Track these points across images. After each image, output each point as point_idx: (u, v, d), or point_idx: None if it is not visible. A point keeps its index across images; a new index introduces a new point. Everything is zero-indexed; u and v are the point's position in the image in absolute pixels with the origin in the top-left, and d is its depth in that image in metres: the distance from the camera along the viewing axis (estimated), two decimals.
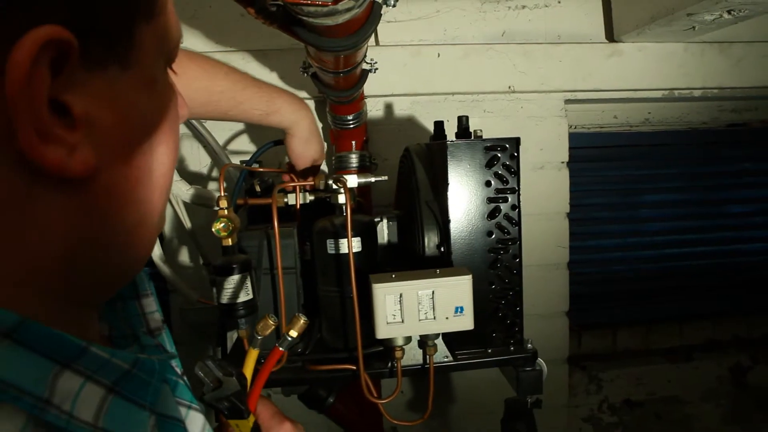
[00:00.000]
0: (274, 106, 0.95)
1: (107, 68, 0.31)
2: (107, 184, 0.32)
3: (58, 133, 0.28)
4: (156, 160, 0.37)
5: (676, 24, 1.29)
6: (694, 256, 2.06)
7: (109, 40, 0.31)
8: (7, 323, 0.28)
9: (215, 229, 0.81)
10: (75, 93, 0.29)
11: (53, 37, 0.26)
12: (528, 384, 0.93)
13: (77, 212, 0.32)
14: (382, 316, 0.80)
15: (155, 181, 0.37)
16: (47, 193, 0.30)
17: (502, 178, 0.90)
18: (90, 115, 0.30)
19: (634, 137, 1.91)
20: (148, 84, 0.35)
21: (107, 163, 0.32)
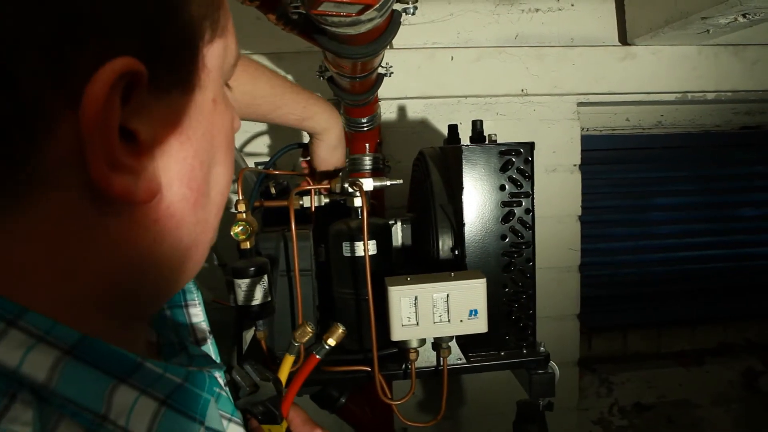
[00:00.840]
0: (310, 112, 0.96)
1: (171, 93, 0.31)
2: (168, 206, 0.32)
3: (127, 162, 0.29)
4: (213, 179, 0.36)
5: (691, 27, 1.29)
6: (706, 260, 2.06)
7: (175, 67, 0.31)
8: (69, 341, 0.29)
9: (234, 233, 0.82)
10: (141, 120, 0.29)
11: (128, 69, 0.27)
12: (540, 387, 0.93)
13: (138, 234, 0.32)
14: (397, 319, 0.81)
15: (212, 199, 0.37)
16: (112, 218, 0.30)
17: (516, 182, 0.90)
18: (154, 141, 0.30)
19: (646, 140, 1.91)
20: (209, 105, 0.35)
21: (169, 186, 0.32)
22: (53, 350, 0.28)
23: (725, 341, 2.03)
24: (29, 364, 0.27)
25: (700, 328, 2.04)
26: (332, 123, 1.03)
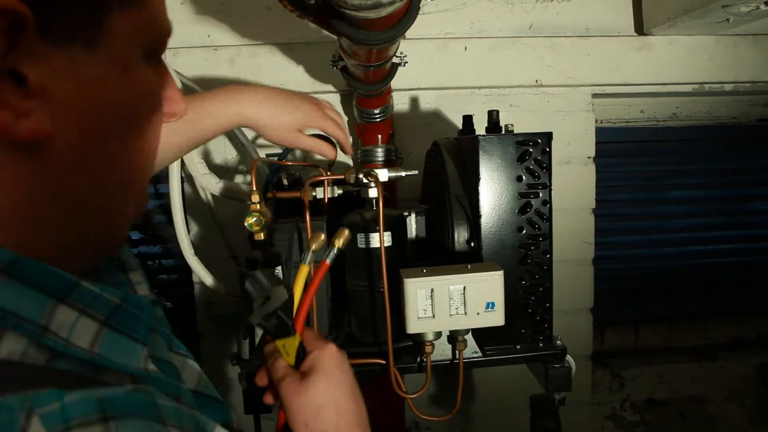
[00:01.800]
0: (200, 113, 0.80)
1: (72, 45, 0.33)
2: (65, 153, 0.35)
3: (8, 99, 0.31)
4: (123, 140, 0.39)
5: (710, 16, 1.27)
6: (720, 254, 2.03)
7: (74, 20, 0.33)
8: (4, 259, 0.32)
9: (248, 224, 0.81)
10: (33, 65, 0.31)
11: (5, 8, 0.28)
12: (557, 381, 0.92)
13: (37, 174, 0.34)
14: (413, 311, 0.80)
15: (120, 160, 0.39)
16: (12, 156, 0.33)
17: (533, 173, 0.89)
18: (47, 87, 0.32)
19: (661, 132, 1.88)
20: (117, 68, 0.36)
21: (66, 133, 0.34)
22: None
23: (738, 336, 2.01)
24: None
25: (713, 322, 2.02)
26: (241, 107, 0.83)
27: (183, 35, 1.38)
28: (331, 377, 0.59)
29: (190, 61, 1.36)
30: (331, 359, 0.60)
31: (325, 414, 0.56)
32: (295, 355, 0.62)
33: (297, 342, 0.62)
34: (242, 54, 1.38)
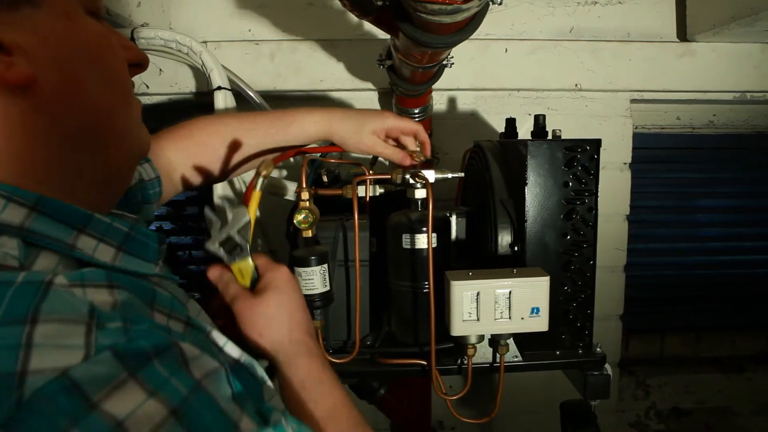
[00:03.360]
0: (288, 119, 0.89)
1: (20, 8, 0.41)
2: (50, 89, 0.43)
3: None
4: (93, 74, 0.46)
5: (759, 24, 1.24)
6: (751, 265, 2.00)
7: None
8: (31, 199, 0.40)
9: (296, 221, 0.82)
10: (3, 30, 0.40)
11: None
12: (596, 388, 0.92)
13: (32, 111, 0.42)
14: (458, 314, 0.80)
15: (96, 91, 0.47)
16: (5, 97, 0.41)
17: (580, 180, 0.88)
18: (18, 42, 0.41)
19: (696, 140, 1.86)
20: (63, 18, 0.44)
21: (46, 74, 0.42)
22: (22, 208, 0.39)
23: (767, 349, 1.98)
24: (7, 215, 0.38)
25: (742, 334, 1.99)
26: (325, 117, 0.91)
27: (224, 29, 1.39)
28: (284, 293, 0.64)
29: (231, 55, 1.37)
30: (283, 278, 0.65)
31: (278, 324, 0.62)
32: (250, 278, 0.65)
33: (253, 265, 0.65)
34: (283, 49, 1.38)
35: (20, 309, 0.31)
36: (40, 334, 0.30)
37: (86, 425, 0.29)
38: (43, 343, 0.30)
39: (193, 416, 0.32)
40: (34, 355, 0.30)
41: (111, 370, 0.31)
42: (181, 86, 1.38)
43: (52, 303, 0.32)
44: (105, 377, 0.31)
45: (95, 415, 0.29)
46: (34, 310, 0.31)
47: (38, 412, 0.29)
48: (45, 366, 0.29)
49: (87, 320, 0.32)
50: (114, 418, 0.30)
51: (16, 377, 0.29)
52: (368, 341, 0.92)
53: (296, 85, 1.40)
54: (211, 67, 1.17)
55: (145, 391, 0.31)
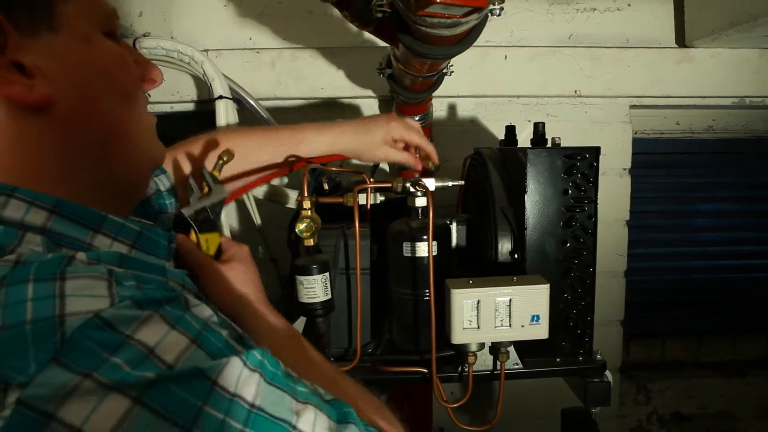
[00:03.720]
0: (297, 136, 0.93)
1: (40, 34, 0.44)
2: (68, 108, 0.46)
3: (16, 79, 0.43)
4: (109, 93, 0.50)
5: (758, 30, 1.25)
6: (751, 269, 2.00)
7: (33, 15, 0.44)
8: (50, 203, 0.44)
9: (298, 230, 0.82)
10: (23, 53, 0.43)
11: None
12: (596, 395, 0.92)
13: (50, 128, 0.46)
14: (458, 322, 0.80)
15: (111, 108, 0.50)
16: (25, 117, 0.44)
17: (580, 187, 0.89)
18: (39, 66, 0.44)
19: (696, 144, 1.86)
20: (81, 41, 0.47)
21: (64, 94, 0.45)
22: (42, 211, 0.43)
23: None
24: (30, 217, 0.43)
25: (743, 338, 1.99)
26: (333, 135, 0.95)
27: (225, 37, 1.40)
28: (249, 266, 0.70)
29: (232, 63, 1.37)
30: (247, 254, 0.72)
31: (245, 287, 0.68)
32: (215, 250, 0.70)
33: (220, 239, 0.70)
34: (284, 57, 1.39)
35: (50, 271, 0.36)
36: (70, 287, 0.35)
37: (122, 353, 0.34)
38: (74, 293, 0.35)
39: (208, 344, 0.39)
40: (68, 303, 0.34)
41: (135, 311, 0.36)
42: (183, 95, 1.38)
43: (75, 268, 0.37)
44: (131, 316, 0.36)
45: (129, 344, 0.35)
46: (61, 271, 0.36)
47: (80, 345, 0.33)
48: (79, 309, 0.34)
49: (107, 277, 0.37)
50: (146, 345, 0.35)
51: (56, 319, 0.34)
52: (369, 349, 0.92)
53: (297, 92, 1.41)
54: (213, 76, 1.18)
55: (167, 325, 0.37)
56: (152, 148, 0.58)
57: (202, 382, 0.36)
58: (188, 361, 0.36)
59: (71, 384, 0.32)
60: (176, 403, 0.34)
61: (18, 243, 0.41)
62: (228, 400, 0.37)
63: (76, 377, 0.32)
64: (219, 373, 0.37)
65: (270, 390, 0.40)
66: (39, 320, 0.33)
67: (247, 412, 0.37)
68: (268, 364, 0.42)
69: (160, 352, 0.35)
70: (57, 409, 0.31)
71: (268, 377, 0.41)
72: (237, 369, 0.38)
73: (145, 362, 0.35)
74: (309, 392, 0.45)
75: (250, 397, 0.38)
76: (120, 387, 0.33)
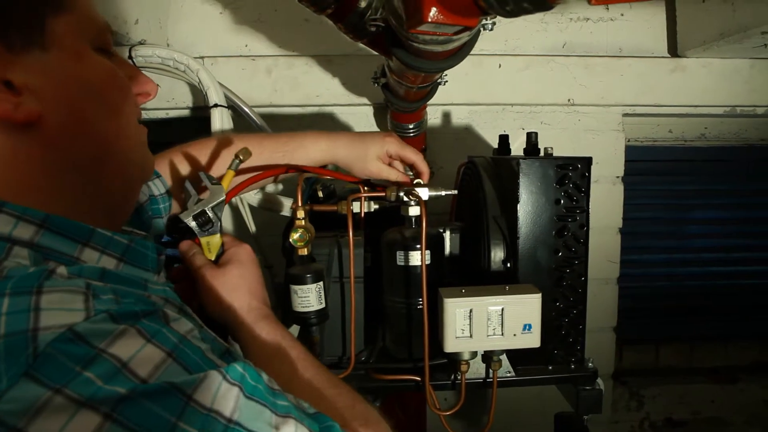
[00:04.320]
0: (294, 143, 0.93)
1: (30, 51, 0.44)
2: (57, 125, 0.46)
3: (4, 97, 0.43)
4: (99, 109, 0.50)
5: (748, 41, 1.27)
6: (743, 275, 2.01)
7: (23, 32, 0.44)
8: (39, 217, 0.44)
9: (292, 239, 0.82)
10: (12, 71, 0.43)
11: None
12: (588, 403, 0.93)
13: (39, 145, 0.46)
14: (451, 330, 0.81)
15: (101, 125, 0.50)
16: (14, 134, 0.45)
17: (572, 197, 0.90)
18: (27, 83, 0.44)
19: (688, 152, 1.87)
20: (72, 58, 0.47)
21: (52, 111, 0.46)
22: (31, 225, 0.44)
23: (761, 360, 1.99)
24: (18, 231, 0.43)
25: (735, 344, 2.00)
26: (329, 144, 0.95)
27: (221, 44, 1.41)
28: (246, 267, 0.70)
29: (228, 70, 1.38)
30: (246, 254, 0.72)
31: (239, 293, 0.67)
32: (216, 252, 0.71)
33: (221, 241, 0.71)
34: (279, 64, 1.40)
35: (27, 284, 0.36)
36: (45, 301, 0.36)
37: (95, 367, 0.34)
38: (49, 307, 0.35)
39: (185, 357, 0.39)
40: (42, 316, 0.35)
41: (110, 325, 0.37)
42: (179, 102, 1.39)
43: (54, 281, 0.38)
44: (106, 330, 0.36)
45: (103, 358, 0.35)
46: (39, 284, 0.37)
47: (53, 360, 0.33)
48: (53, 323, 0.34)
49: (84, 291, 0.38)
50: (119, 359, 0.35)
51: (29, 333, 0.34)
52: (363, 357, 0.93)
53: (292, 100, 1.41)
54: (208, 84, 1.18)
55: (143, 338, 0.37)
56: (143, 162, 0.58)
57: (176, 397, 0.36)
58: (163, 375, 0.37)
59: (42, 399, 0.32)
60: (149, 419, 0.34)
61: (5, 256, 0.41)
62: (203, 416, 0.36)
63: (47, 392, 0.32)
64: (195, 388, 0.37)
65: (249, 405, 0.40)
66: (12, 334, 0.34)
67: (224, 427, 0.37)
68: (249, 378, 0.42)
69: (134, 366, 0.36)
70: (27, 425, 0.31)
71: (248, 391, 0.41)
72: (215, 383, 0.38)
73: (117, 376, 0.35)
74: (290, 405, 0.44)
75: (227, 412, 0.38)
76: (91, 403, 0.33)
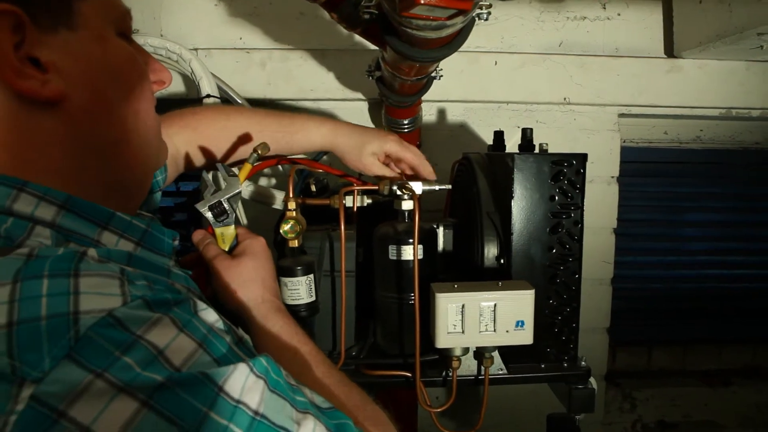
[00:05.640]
0: (296, 126, 0.91)
1: (58, 31, 0.45)
2: (80, 105, 0.47)
3: (30, 73, 0.43)
4: (119, 91, 0.51)
5: (744, 43, 1.26)
6: (737, 279, 2.01)
7: (53, 12, 0.45)
8: (60, 198, 0.45)
9: (283, 231, 0.81)
10: (40, 49, 0.44)
11: (4, 10, 0.41)
12: (580, 402, 0.92)
13: (62, 124, 0.46)
14: (443, 326, 0.80)
15: (121, 108, 0.51)
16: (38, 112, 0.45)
17: (566, 194, 0.89)
18: (54, 62, 0.45)
19: (684, 154, 1.87)
20: (96, 40, 0.48)
21: (76, 91, 0.46)
22: (52, 206, 0.44)
23: (754, 363, 1.99)
24: (40, 211, 0.43)
25: (728, 348, 2.00)
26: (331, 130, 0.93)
27: (216, 37, 1.40)
28: (260, 260, 0.70)
29: (222, 62, 1.37)
30: (260, 246, 0.71)
31: (253, 285, 0.68)
32: (230, 243, 0.71)
33: (235, 232, 0.71)
34: (274, 58, 1.39)
35: (63, 267, 0.37)
36: (84, 284, 0.36)
37: (134, 352, 0.35)
38: (88, 291, 0.36)
39: (213, 348, 0.40)
40: (83, 300, 0.35)
41: (146, 312, 0.37)
42: (171, 91, 1.38)
43: (87, 264, 0.38)
44: (143, 317, 0.37)
45: (140, 344, 0.35)
46: (75, 267, 0.37)
47: (94, 343, 0.34)
48: (93, 307, 0.35)
49: (120, 276, 0.38)
50: (156, 346, 0.36)
51: (71, 316, 0.34)
52: (353, 352, 0.92)
53: (286, 93, 1.40)
54: (201, 75, 1.17)
55: (176, 328, 0.38)
56: (158, 147, 0.60)
57: (208, 387, 0.36)
58: (195, 365, 0.37)
59: (83, 382, 0.33)
60: (183, 408, 0.35)
61: (27, 235, 0.42)
62: (232, 407, 0.37)
63: (88, 375, 0.33)
64: (225, 379, 0.38)
65: (273, 398, 0.41)
66: (54, 316, 0.34)
67: (251, 420, 0.38)
68: (272, 372, 0.43)
69: (169, 354, 0.36)
70: (68, 408, 0.32)
71: (272, 385, 0.41)
72: (243, 375, 0.39)
73: (154, 363, 0.35)
74: (307, 401, 0.45)
75: (254, 405, 0.39)
76: (129, 389, 0.33)
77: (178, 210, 1.65)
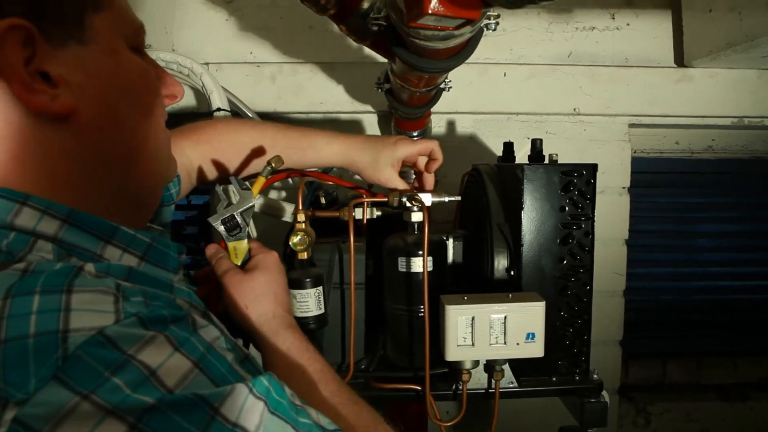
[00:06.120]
0: (305, 141, 0.91)
1: (68, 45, 0.44)
2: (90, 120, 0.46)
3: (40, 88, 0.43)
4: (130, 107, 0.50)
5: (755, 51, 1.26)
6: (751, 290, 1.98)
7: (63, 26, 0.44)
8: (63, 212, 0.44)
9: (292, 243, 0.81)
10: (50, 63, 0.43)
11: (14, 24, 0.40)
12: (593, 416, 0.90)
13: (71, 138, 0.46)
14: (452, 338, 0.79)
15: (132, 123, 0.50)
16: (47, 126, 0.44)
17: (577, 204, 0.88)
18: (64, 76, 0.44)
19: (695, 164, 1.86)
20: (108, 54, 0.48)
21: (87, 106, 0.46)
22: (55, 220, 0.44)
23: None
24: (42, 226, 0.43)
25: (744, 361, 1.96)
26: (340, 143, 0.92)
27: (227, 51, 1.41)
28: (272, 274, 0.69)
29: (233, 76, 1.38)
30: (273, 261, 0.71)
31: (264, 300, 0.67)
32: (243, 257, 0.71)
33: (248, 246, 0.71)
34: (284, 71, 1.40)
35: (57, 283, 0.36)
36: (76, 301, 0.35)
37: (124, 373, 0.33)
38: (80, 308, 0.35)
39: (211, 368, 0.38)
40: (73, 317, 0.34)
41: (139, 330, 0.36)
42: (182, 106, 1.39)
43: (83, 280, 0.37)
44: (136, 335, 0.35)
45: (131, 364, 0.34)
46: (69, 283, 0.36)
47: (82, 363, 0.33)
48: (83, 325, 0.34)
49: (114, 292, 0.37)
50: (148, 367, 0.34)
51: (59, 334, 0.33)
52: (363, 365, 0.91)
53: (297, 107, 1.41)
54: (212, 89, 1.18)
55: (171, 347, 0.37)
56: (167, 163, 0.59)
57: (202, 410, 0.35)
58: (189, 386, 0.36)
59: (69, 405, 0.31)
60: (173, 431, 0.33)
61: (29, 250, 0.41)
62: (229, 431, 0.36)
63: (74, 397, 0.32)
64: (222, 401, 0.36)
65: (273, 420, 0.39)
66: (42, 334, 0.33)
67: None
68: (274, 392, 0.41)
69: (162, 375, 0.35)
70: (52, 431, 0.30)
71: (272, 406, 0.40)
72: (242, 396, 0.37)
73: (145, 385, 0.34)
74: (311, 423, 0.44)
75: (252, 428, 0.37)
76: (118, 411, 0.32)
77: (189, 223, 1.66)
